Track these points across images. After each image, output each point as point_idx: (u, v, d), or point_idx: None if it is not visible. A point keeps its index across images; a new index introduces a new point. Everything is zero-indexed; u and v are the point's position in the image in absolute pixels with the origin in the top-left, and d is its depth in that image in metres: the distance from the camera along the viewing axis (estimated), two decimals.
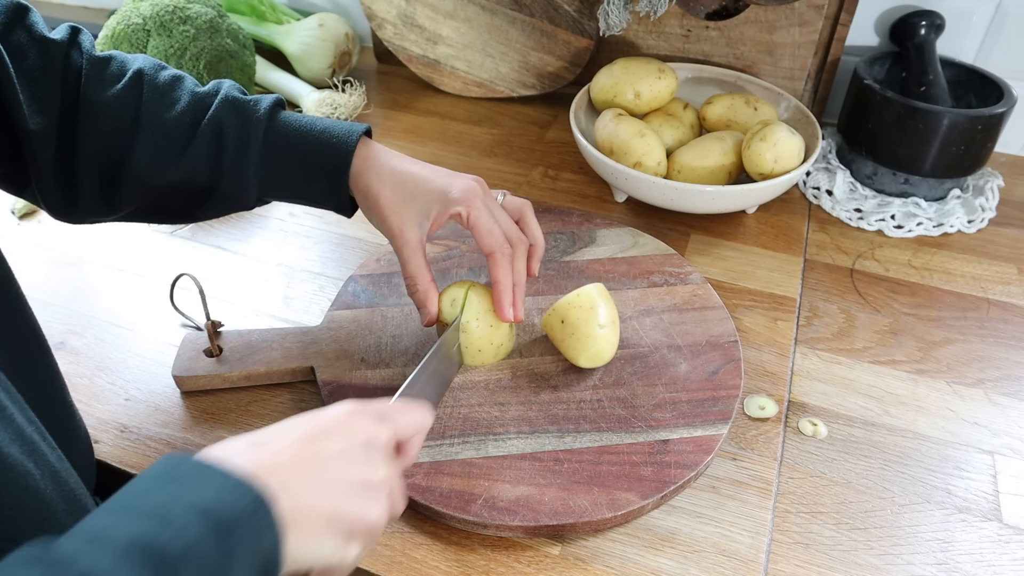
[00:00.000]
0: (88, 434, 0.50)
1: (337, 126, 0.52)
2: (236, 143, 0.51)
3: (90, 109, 0.49)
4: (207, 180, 0.51)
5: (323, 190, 0.53)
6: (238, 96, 0.52)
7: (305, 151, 0.52)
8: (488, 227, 0.52)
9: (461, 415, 0.54)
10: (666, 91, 0.78)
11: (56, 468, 0.38)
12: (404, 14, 0.95)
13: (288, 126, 0.52)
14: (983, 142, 0.72)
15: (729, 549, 0.47)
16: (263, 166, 0.52)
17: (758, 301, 0.66)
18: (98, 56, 0.51)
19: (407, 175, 0.52)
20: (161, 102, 0.50)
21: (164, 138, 0.50)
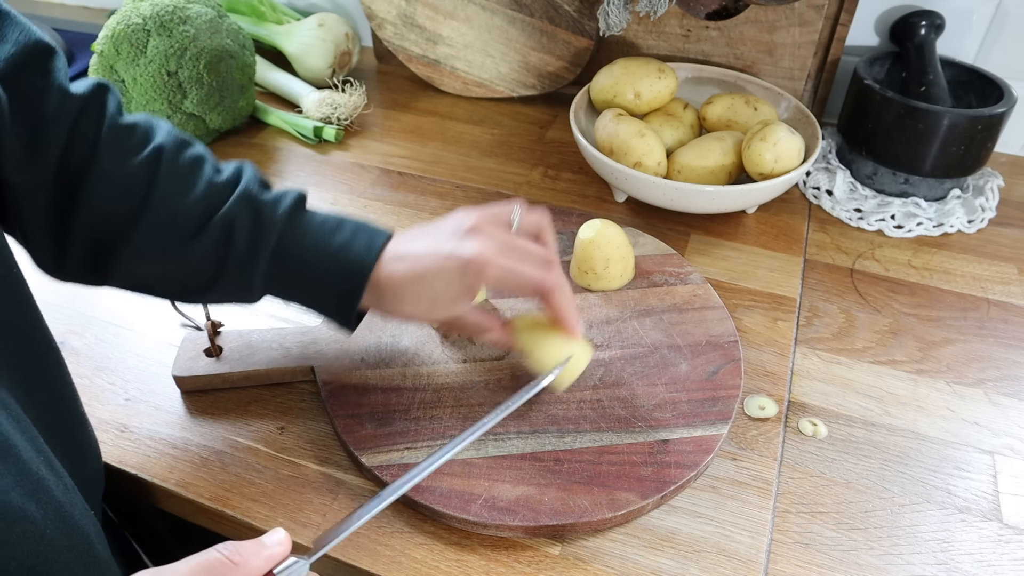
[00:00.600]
0: (97, 442, 0.50)
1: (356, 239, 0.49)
2: (245, 245, 0.48)
3: (100, 177, 0.46)
4: (208, 275, 0.48)
5: (330, 309, 0.50)
6: (256, 192, 0.49)
7: (317, 267, 0.49)
8: (519, 275, 0.48)
9: (461, 415, 0.54)
10: (666, 91, 0.78)
11: (60, 502, 0.37)
12: (404, 14, 0.95)
13: (306, 235, 0.49)
14: (983, 142, 0.72)
15: (729, 549, 0.47)
16: (270, 271, 0.49)
17: (758, 301, 0.66)
18: (121, 122, 0.48)
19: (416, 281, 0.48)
20: (175, 186, 0.47)
21: (171, 225, 0.47)
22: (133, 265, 0.48)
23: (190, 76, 0.79)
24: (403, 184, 0.82)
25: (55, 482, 0.37)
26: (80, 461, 0.46)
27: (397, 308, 0.49)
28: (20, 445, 0.35)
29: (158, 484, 0.52)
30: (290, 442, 0.54)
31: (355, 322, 0.51)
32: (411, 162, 0.86)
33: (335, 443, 0.54)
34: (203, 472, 0.52)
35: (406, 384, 0.56)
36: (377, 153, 0.87)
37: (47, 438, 0.41)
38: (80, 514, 0.39)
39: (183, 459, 0.53)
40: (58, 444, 0.43)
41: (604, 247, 0.63)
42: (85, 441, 0.48)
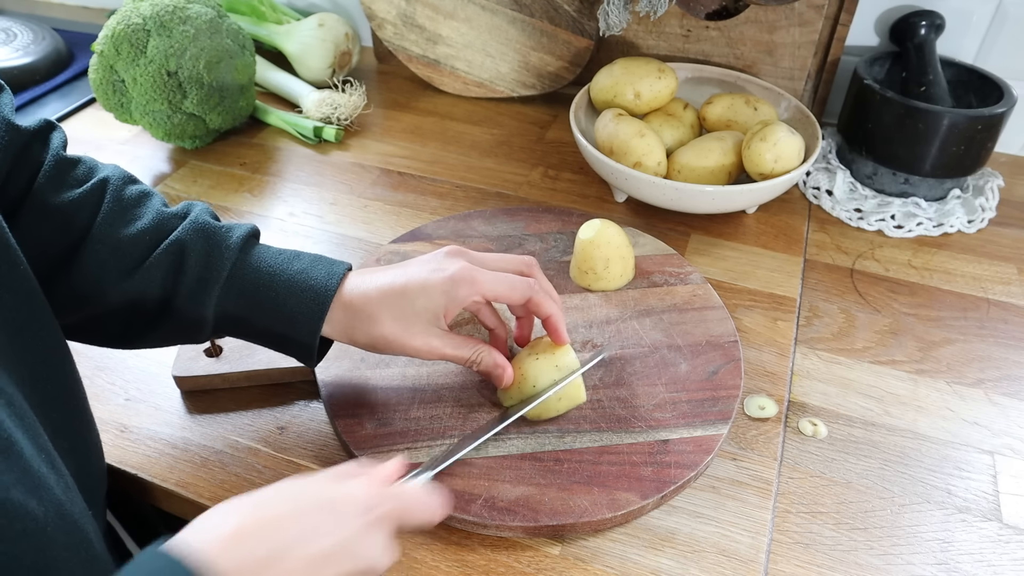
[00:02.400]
0: (101, 441, 0.50)
1: (315, 269, 0.48)
2: (198, 271, 0.46)
3: (38, 209, 0.44)
4: (155, 307, 0.46)
5: (288, 339, 0.48)
6: (209, 220, 0.48)
7: (275, 294, 0.47)
8: (507, 285, 0.49)
9: (461, 415, 0.54)
10: (666, 91, 0.78)
11: (60, 500, 0.37)
12: (404, 14, 0.95)
13: (261, 263, 0.47)
14: (983, 142, 0.72)
15: (729, 549, 0.47)
16: (224, 300, 0.47)
17: (758, 301, 0.66)
18: (66, 157, 0.47)
19: (394, 296, 0.48)
20: (121, 216, 0.46)
21: (114, 255, 0.45)
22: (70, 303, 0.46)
23: (190, 76, 0.79)
24: (403, 184, 0.82)
25: (56, 480, 0.37)
26: (85, 459, 0.46)
27: (370, 329, 0.48)
28: (22, 442, 0.35)
29: (158, 484, 0.52)
30: (290, 442, 0.54)
31: (318, 353, 0.49)
32: (411, 162, 0.86)
33: (335, 443, 0.54)
34: (203, 472, 0.52)
35: (406, 384, 0.56)
36: (377, 153, 0.87)
37: (52, 435, 0.41)
38: (80, 512, 0.39)
39: (183, 459, 0.53)
40: (63, 441, 0.43)
41: (604, 247, 0.63)
42: (91, 440, 0.48)
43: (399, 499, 0.38)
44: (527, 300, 0.50)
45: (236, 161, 0.86)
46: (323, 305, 0.47)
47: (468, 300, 0.49)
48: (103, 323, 0.48)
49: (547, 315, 0.51)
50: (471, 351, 0.50)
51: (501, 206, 0.78)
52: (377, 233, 0.75)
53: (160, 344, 0.50)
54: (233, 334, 0.50)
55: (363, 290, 0.48)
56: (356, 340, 0.49)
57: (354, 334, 0.48)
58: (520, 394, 0.52)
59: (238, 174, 0.84)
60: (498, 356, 0.51)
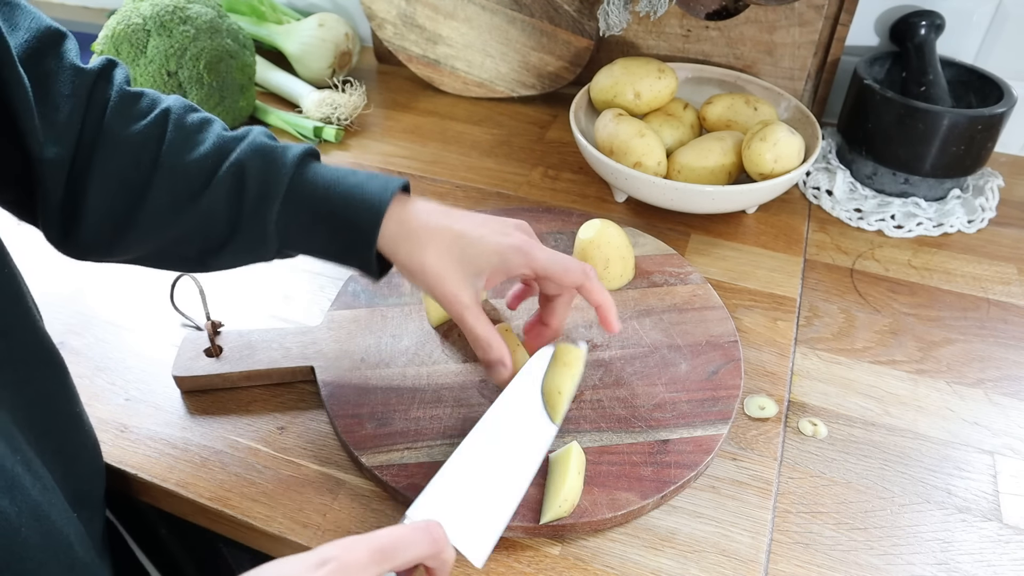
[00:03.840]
0: (97, 441, 0.50)
1: (371, 181, 0.48)
2: (257, 189, 0.47)
3: (110, 143, 0.46)
4: (224, 228, 0.48)
5: (348, 251, 0.49)
6: (266, 141, 0.49)
7: (331, 207, 0.48)
8: (561, 266, 0.48)
9: (461, 415, 0.54)
10: (666, 91, 0.78)
11: (37, 502, 0.37)
12: (404, 14, 0.95)
13: (317, 177, 0.48)
14: (983, 142, 0.72)
15: (729, 549, 0.47)
16: (284, 217, 0.48)
17: (758, 301, 0.66)
18: (129, 91, 0.48)
19: (451, 235, 0.48)
20: (184, 143, 0.48)
21: (183, 180, 0.47)
22: (149, 230, 0.47)
23: (190, 76, 0.79)
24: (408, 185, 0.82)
25: (32, 482, 0.37)
26: (75, 460, 0.46)
27: (414, 251, 0.47)
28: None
29: (158, 484, 0.52)
30: (290, 442, 0.54)
31: (377, 265, 0.49)
32: (411, 162, 0.86)
33: (335, 443, 0.54)
34: (203, 472, 0.52)
35: (406, 384, 0.56)
36: (377, 153, 0.87)
37: (36, 437, 0.41)
38: (60, 515, 0.39)
39: (183, 459, 0.53)
40: (50, 443, 0.43)
41: (604, 247, 0.63)
42: (80, 441, 0.47)
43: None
44: (580, 285, 0.49)
45: None
46: (378, 215, 0.47)
47: (518, 271, 0.48)
48: (179, 247, 0.49)
49: (599, 303, 0.50)
50: (488, 333, 0.49)
51: (501, 206, 0.78)
52: None
53: (233, 264, 0.51)
54: (298, 249, 0.50)
55: (425, 215, 0.48)
56: (397, 256, 0.48)
57: (398, 249, 0.48)
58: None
59: None
60: (507, 354, 0.50)
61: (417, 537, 0.37)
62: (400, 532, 0.37)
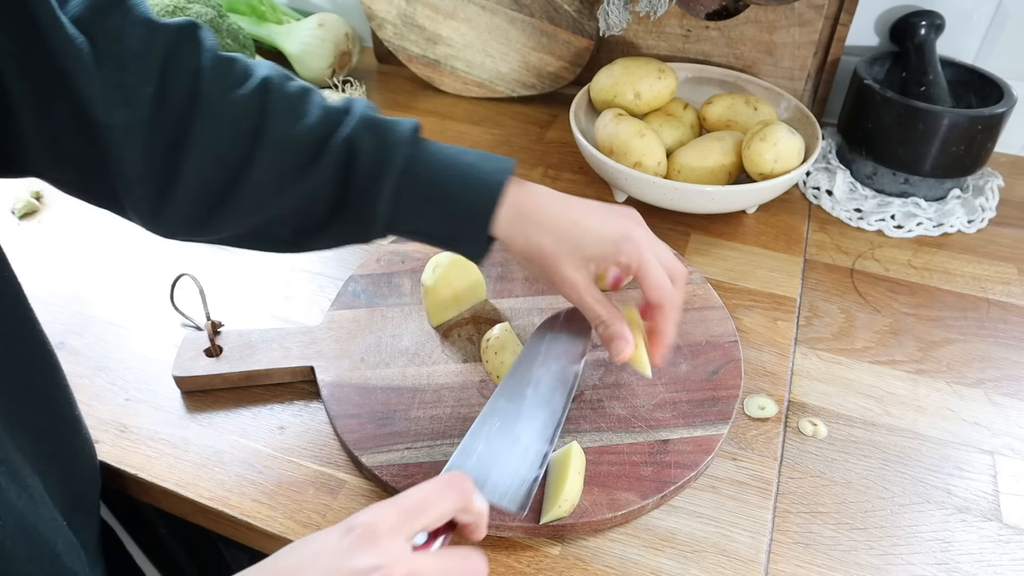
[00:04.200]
0: (93, 444, 0.50)
1: (485, 163, 0.47)
2: (370, 167, 0.44)
3: (208, 112, 0.43)
4: (329, 206, 0.46)
5: (459, 233, 0.47)
6: (375, 115, 0.47)
7: (445, 188, 0.45)
8: (658, 279, 0.47)
9: (461, 415, 0.54)
10: (666, 91, 0.78)
11: (22, 513, 0.36)
12: (404, 14, 0.95)
13: (431, 156, 0.46)
14: (983, 142, 0.72)
15: (729, 549, 0.47)
16: (397, 196, 0.45)
17: (758, 301, 0.66)
18: (222, 55, 0.45)
19: (570, 222, 0.47)
20: (289, 113, 0.45)
21: (289, 154, 0.44)
22: (248, 208, 0.45)
23: None
24: None
25: (17, 493, 0.37)
26: (72, 463, 0.46)
27: (531, 234, 0.46)
28: None
29: (158, 484, 0.52)
30: (290, 442, 0.54)
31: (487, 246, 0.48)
32: None
33: (335, 443, 0.54)
34: (203, 472, 0.52)
35: (406, 384, 0.56)
36: None
37: (33, 440, 0.40)
38: (46, 526, 0.38)
39: (183, 459, 0.53)
40: (46, 446, 0.42)
41: None
42: (77, 444, 0.47)
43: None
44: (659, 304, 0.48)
45: None
46: (494, 198, 0.46)
47: (624, 263, 0.47)
48: (276, 226, 0.47)
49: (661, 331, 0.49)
50: (607, 310, 0.48)
51: None
52: None
53: (330, 245, 0.49)
54: (402, 231, 0.48)
55: (541, 199, 0.47)
56: (514, 241, 0.47)
57: (513, 233, 0.47)
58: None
59: None
60: (627, 329, 0.48)
61: (444, 491, 0.36)
62: (426, 488, 0.36)
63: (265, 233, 0.47)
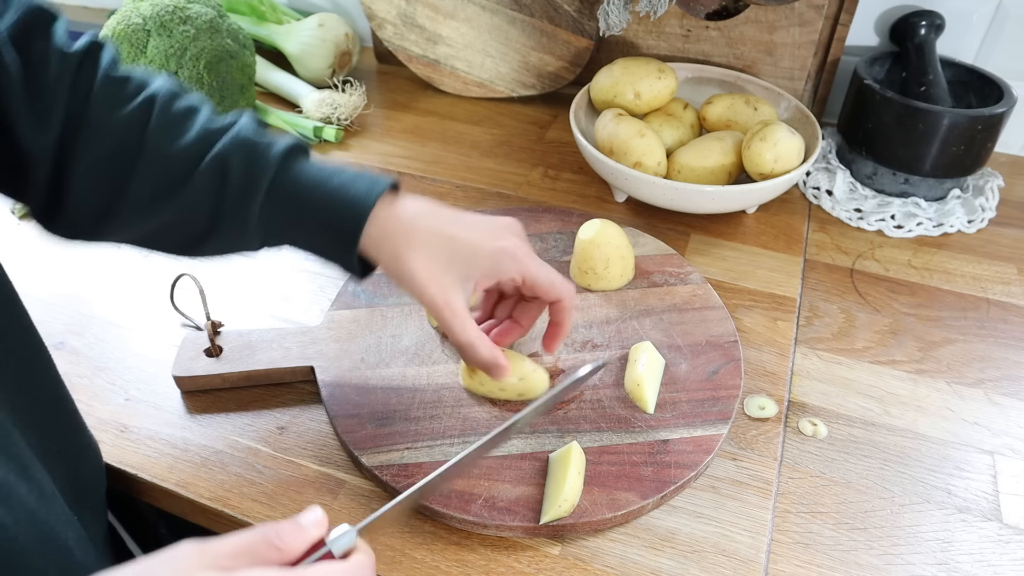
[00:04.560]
0: (96, 443, 0.50)
1: (357, 181, 0.47)
2: (240, 183, 0.46)
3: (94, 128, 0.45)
4: (207, 219, 0.46)
5: (330, 251, 0.48)
6: (251, 135, 0.47)
7: (314, 206, 0.46)
8: (548, 278, 0.49)
9: (461, 415, 0.54)
10: (666, 91, 0.78)
11: (33, 509, 0.37)
12: (404, 14, 0.95)
13: (301, 175, 0.47)
14: (983, 142, 0.72)
15: (729, 549, 0.47)
16: (267, 212, 0.46)
17: (758, 301, 0.66)
18: (115, 74, 0.47)
19: (441, 238, 0.47)
20: (169, 131, 0.46)
21: (165, 169, 0.45)
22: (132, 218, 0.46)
23: (190, 76, 0.79)
24: (403, 184, 0.82)
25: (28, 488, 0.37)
26: (77, 461, 0.46)
27: (404, 259, 0.46)
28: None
29: (158, 484, 0.52)
30: (290, 442, 0.54)
31: (360, 264, 0.48)
32: (411, 162, 0.86)
33: (335, 443, 0.54)
34: (203, 472, 0.52)
35: (406, 384, 0.56)
36: (377, 153, 0.87)
37: (39, 438, 0.41)
38: (58, 519, 0.39)
39: (183, 459, 0.53)
40: (52, 444, 0.43)
41: (604, 247, 0.63)
42: (82, 443, 0.47)
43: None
44: (558, 300, 0.49)
45: None
46: (361, 217, 0.46)
47: (507, 276, 0.48)
48: (166, 233, 0.48)
49: (560, 323, 0.51)
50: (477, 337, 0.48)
51: (501, 206, 0.78)
52: None
53: (218, 253, 0.50)
54: (282, 246, 0.49)
55: (413, 217, 0.47)
56: (381, 259, 0.47)
57: (381, 253, 0.46)
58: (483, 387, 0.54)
59: None
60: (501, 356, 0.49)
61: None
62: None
63: (158, 239, 0.48)
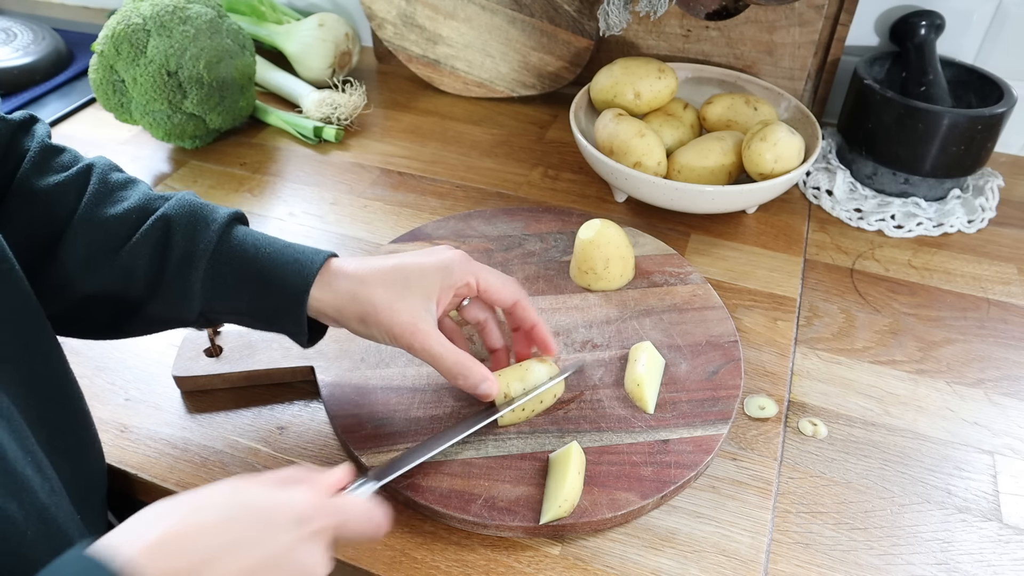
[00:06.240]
0: (100, 443, 0.50)
1: (300, 246, 0.48)
2: (184, 245, 0.45)
3: (23, 195, 0.44)
4: (143, 286, 0.46)
5: (277, 312, 0.47)
6: (194, 199, 0.48)
7: (260, 266, 0.46)
8: (499, 281, 0.50)
9: (461, 415, 0.54)
10: (666, 91, 0.78)
11: (44, 504, 0.37)
12: (404, 14, 0.95)
13: (247, 237, 0.47)
14: (983, 142, 0.72)
15: (729, 549, 0.47)
16: (211, 275, 0.46)
17: (758, 301, 0.66)
18: (51, 145, 0.47)
19: (389, 268, 0.47)
20: (107, 198, 0.46)
21: (101, 233, 0.45)
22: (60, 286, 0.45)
23: (190, 76, 0.79)
24: (403, 184, 0.82)
25: (41, 484, 0.37)
26: (83, 459, 0.46)
27: (358, 295, 0.46)
28: (6, 444, 0.35)
29: (158, 484, 0.52)
30: (290, 442, 0.54)
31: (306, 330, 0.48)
32: (411, 162, 0.86)
33: (335, 443, 0.54)
34: (203, 472, 0.52)
35: (406, 384, 0.56)
36: (377, 153, 0.87)
37: (49, 435, 0.41)
38: (65, 517, 0.39)
39: (183, 459, 0.53)
40: (61, 441, 0.43)
41: (604, 247, 0.63)
42: (89, 440, 0.47)
43: (339, 512, 0.37)
44: (515, 302, 0.51)
45: (236, 161, 0.86)
46: (309, 274, 0.46)
47: (462, 281, 0.49)
48: (90, 310, 0.47)
49: (533, 323, 0.52)
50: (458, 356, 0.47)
51: (501, 206, 0.78)
52: (377, 233, 0.75)
53: (148, 331, 0.49)
54: (222, 311, 0.48)
55: (355, 265, 0.48)
56: (342, 306, 0.46)
57: (340, 299, 0.46)
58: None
59: (238, 174, 0.84)
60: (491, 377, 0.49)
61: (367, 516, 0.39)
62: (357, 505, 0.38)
63: (79, 318, 0.48)
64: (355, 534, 0.38)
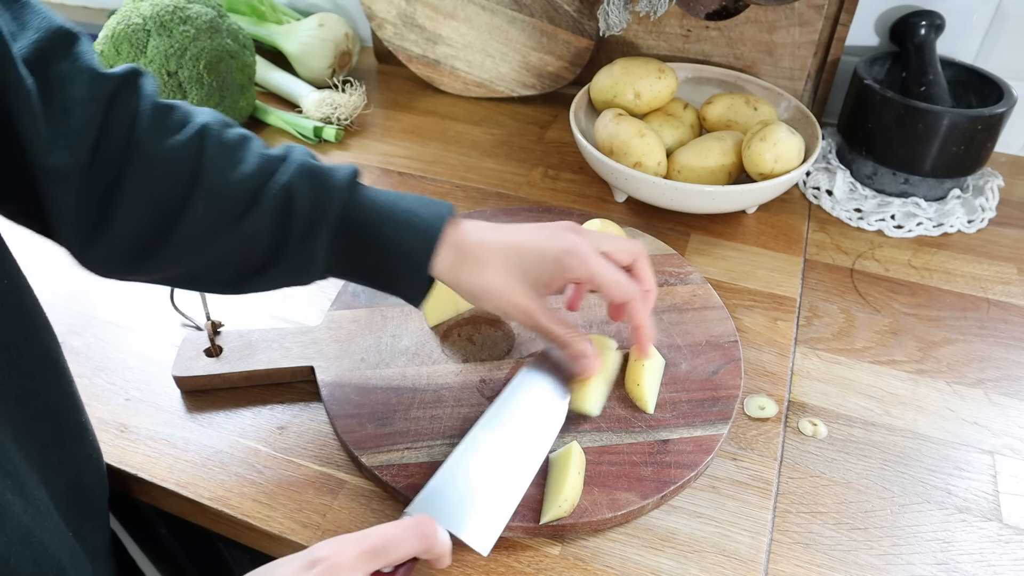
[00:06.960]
0: (100, 450, 0.50)
1: (423, 209, 0.47)
2: (308, 214, 0.45)
3: (142, 158, 0.43)
4: (265, 252, 0.46)
5: (399, 277, 0.48)
6: (313, 162, 0.47)
7: (383, 234, 0.46)
8: (612, 279, 0.48)
9: (461, 415, 0.54)
10: (666, 91, 0.78)
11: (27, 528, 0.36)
12: (404, 14, 0.95)
13: (369, 203, 0.47)
14: (983, 142, 0.72)
15: (729, 549, 0.47)
16: (335, 242, 0.46)
17: (758, 301, 0.66)
18: (161, 102, 0.46)
19: (509, 251, 0.48)
20: (226, 160, 0.45)
21: (224, 200, 0.45)
22: (183, 252, 0.45)
23: (190, 76, 0.79)
24: (403, 184, 0.82)
25: (23, 507, 0.36)
26: (78, 470, 0.45)
27: (476, 273, 0.47)
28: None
29: (158, 484, 0.52)
30: (290, 442, 0.54)
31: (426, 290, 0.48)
32: (411, 162, 0.86)
33: (335, 443, 0.54)
34: (203, 472, 0.52)
35: (406, 384, 0.56)
36: (377, 153, 0.87)
37: (40, 450, 0.40)
38: (52, 539, 0.38)
39: (183, 459, 0.53)
40: (53, 455, 0.42)
41: None
42: (85, 451, 0.46)
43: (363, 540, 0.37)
44: (624, 300, 0.49)
45: None
46: (431, 243, 0.47)
47: (574, 276, 0.48)
48: (214, 269, 0.47)
49: (638, 325, 0.51)
50: (565, 330, 0.49)
51: (501, 206, 0.78)
52: None
53: (269, 287, 0.49)
54: (342, 275, 0.49)
55: (478, 237, 0.48)
56: (460, 282, 0.48)
57: (460, 275, 0.48)
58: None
59: None
60: (588, 345, 0.50)
61: (407, 535, 0.38)
62: (391, 531, 0.38)
63: (204, 276, 0.48)
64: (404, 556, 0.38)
